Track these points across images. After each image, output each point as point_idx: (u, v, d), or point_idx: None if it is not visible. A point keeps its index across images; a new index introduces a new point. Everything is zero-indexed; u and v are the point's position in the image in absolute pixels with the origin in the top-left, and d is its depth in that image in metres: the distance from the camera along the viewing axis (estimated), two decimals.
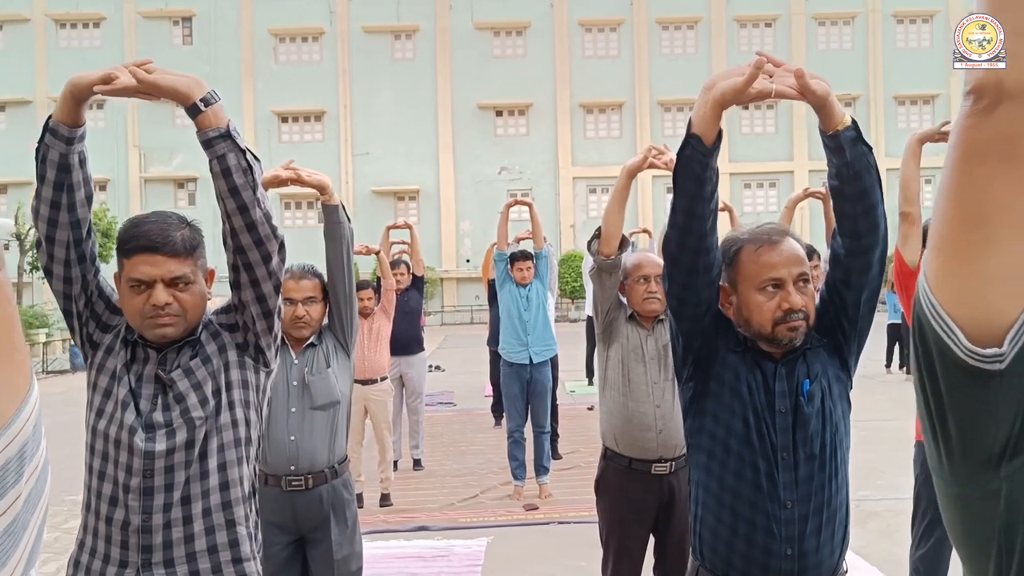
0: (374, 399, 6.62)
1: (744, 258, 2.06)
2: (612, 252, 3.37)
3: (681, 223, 1.98)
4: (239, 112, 34.14)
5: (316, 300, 3.17)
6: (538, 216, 6.92)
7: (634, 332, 3.49)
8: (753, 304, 2.04)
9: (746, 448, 2.04)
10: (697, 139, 1.90)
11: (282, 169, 3.01)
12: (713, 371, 2.11)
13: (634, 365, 3.46)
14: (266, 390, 2.19)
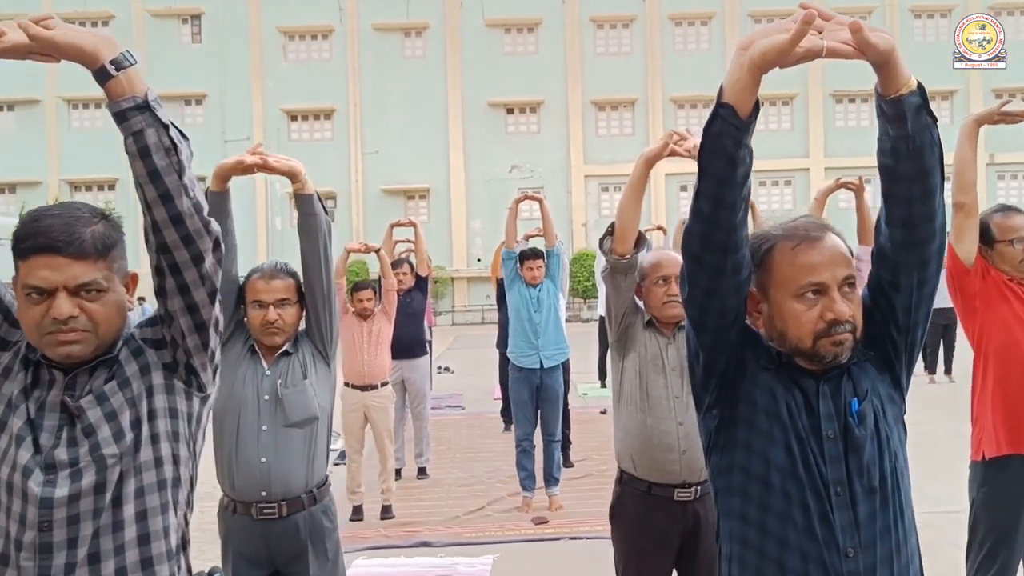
0: (374, 405, 6.25)
1: (778, 258, 1.70)
2: (627, 251, 2.98)
3: (707, 213, 1.62)
4: (248, 110, 33.95)
5: (290, 302, 2.80)
6: (549, 212, 6.54)
7: (653, 340, 3.10)
8: (789, 314, 1.67)
9: (792, 483, 1.65)
10: (729, 110, 1.53)
11: (247, 154, 2.64)
12: (742, 392, 1.73)
13: (653, 377, 3.07)
14: (201, 419, 1.80)
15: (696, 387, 1.81)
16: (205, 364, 1.75)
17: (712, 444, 1.79)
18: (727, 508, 1.76)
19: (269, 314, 2.74)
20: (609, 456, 8.38)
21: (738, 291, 1.68)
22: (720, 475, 1.77)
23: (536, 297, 6.38)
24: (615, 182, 34.42)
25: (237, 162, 2.69)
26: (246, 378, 2.75)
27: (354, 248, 6.31)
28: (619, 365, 3.17)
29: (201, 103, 34.64)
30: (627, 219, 2.98)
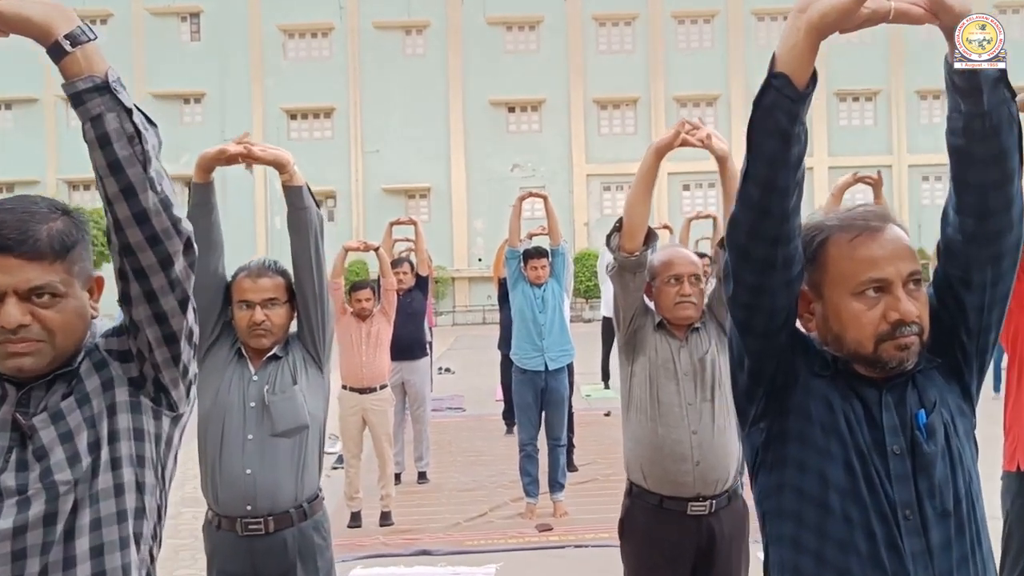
0: (372, 409, 6.06)
1: (833, 252, 1.51)
2: (636, 248, 2.80)
3: (756, 199, 1.43)
4: (248, 109, 33.74)
5: (279, 302, 2.60)
6: (554, 210, 6.35)
7: (664, 343, 2.91)
8: (848, 314, 1.48)
9: (854, 505, 1.45)
10: (784, 80, 1.34)
11: (232, 144, 2.44)
12: (793, 403, 1.53)
13: (664, 383, 2.88)
14: (172, 441, 1.60)
15: (740, 398, 1.60)
16: (176, 380, 1.55)
17: (759, 462, 1.59)
18: (777, 534, 1.55)
19: (256, 315, 2.55)
20: (614, 460, 8.24)
21: (789, 288, 1.49)
22: (769, 497, 1.56)
23: (541, 297, 6.19)
24: (617, 181, 34.21)
25: (220, 151, 2.51)
26: (232, 383, 2.56)
27: (353, 247, 6.12)
28: (628, 370, 2.97)
29: (200, 102, 34.44)
30: (636, 214, 2.79)
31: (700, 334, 2.95)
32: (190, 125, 34.25)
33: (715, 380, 2.88)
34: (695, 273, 2.92)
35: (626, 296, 2.89)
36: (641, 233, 2.81)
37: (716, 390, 2.88)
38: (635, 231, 2.79)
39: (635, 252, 2.80)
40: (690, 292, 2.88)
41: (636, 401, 2.93)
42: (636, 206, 2.80)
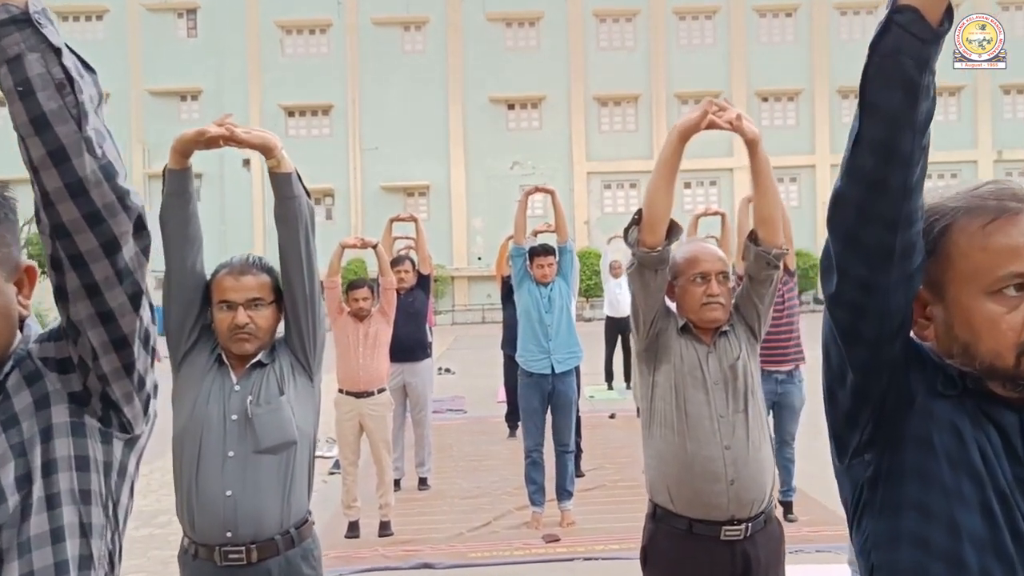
0: (370, 414, 5.76)
1: (960, 241, 1.18)
2: (657, 242, 2.50)
3: (870, 170, 1.12)
4: (245, 106, 33.41)
5: (264, 303, 2.31)
6: (561, 205, 6.05)
7: (690, 349, 2.64)
8: (981, 318, 1.16)
9: (996, 561, 1.13)
10: (912, 15, 1.05)
11: (212, 125, 2.16)
12: (909, 430, 1.20)
13: (692, 393, 2.60)
14: (127, 470, 1.30)
15: (839, 422, 1.27)
16: (130, 395, 1.26)
17: (863, 503, 1.26)
18: None
19: (238, 317, 2.25)
20: (622, 465, 7.97)
21: (909, 284, 1.17)
22: (880, 548, 1.23)
23: (547, 297, 5.89)
24: (618, 179, 33.94)
25: (199, 133, 2.21)
26: (210, 394, 2.26)
27: (350, 243, 5.81)
28: (649, 379, 2.68)
29: (197, 98, 34.12)
30: (658, 204, 2.50)
31: (729, 338, 2.67)
32: (187, 122, 33.86)
33: (747, 389, 2.62)
34: (723, 271, 2.65)
35: (646, 297, 2.59)
36: (663, 225, 2.51)
37: (749, 400, 2.62)
38: (656, 223, 2.50)
39: (656, 247, 2.50)
40: (718, 292, 2.60)
41: (660, 414, 2.64)
42: (657, 196, 2.50)
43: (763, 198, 2.56)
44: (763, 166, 2.52)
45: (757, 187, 2.54)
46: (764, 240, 2.59)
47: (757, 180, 2.53)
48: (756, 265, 2.61)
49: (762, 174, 2.53)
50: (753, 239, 2.61)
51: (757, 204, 2.59)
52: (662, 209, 2.50)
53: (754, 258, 2.60)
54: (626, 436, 9.17)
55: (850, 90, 33.39)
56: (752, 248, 2.61)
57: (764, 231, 2.59)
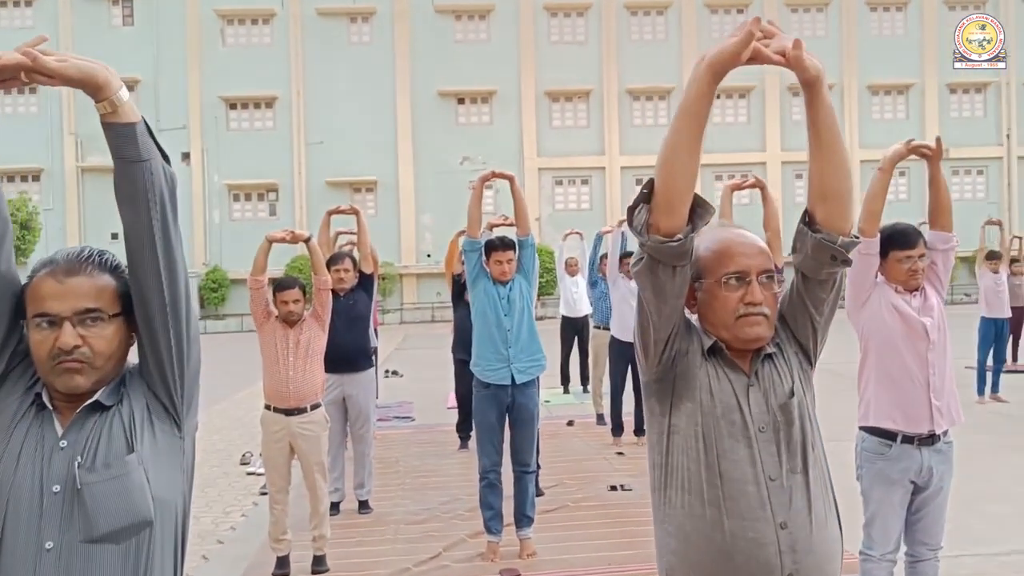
0: (302, 433, 5.02)
1: None
2: (677, 227, 1.75)
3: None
4: (184, 98, 32.12)
5: (104, 317, 1.55)
6: (521, 193, 5.38)
7: (722, 381, 1.89)
8: None
9: None
10: None
11: (10, 52, 1.42)
12: None
13: (729, 446, 1.85)
14: None
15: None
16: None
17: None
18: None
19: (64, 336, 1.51)
20: (584, 480, 7.29)
21: None
22: None
23: (506, 297, 5.20)
24: (570, 175, 33.41)
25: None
26: (22, 454, 1.50)
27: (277, 237, 5.05)
28: (662, 423, 1.93)
29: (133, 89, 32.58)
30: (678, 172, 1.73)
31: (776, 365, 1.94)
32: None
33: (806, 439, 1.89)
34: (767, 268, 1.90)
35: (659, 306, 1.84)
36: (684, 203, 1.75)
37: (809, 454, 1.89)
38: (675, 200, 1.73)
39: (675, 234, 1.74)
40: (761, 299, 1.87)
41: (681, 474, 1.89)
42: (677, 160, 1.72)
43: (827, 162, 1.80)
44: (826, 116, 1.77)
45: (819, 147, 1.80)
46: (827, 223, 1.85)
47: (819, 136, 1.78)
48: (815, 260, 1.88)
49: (825, 127, 1.78)
50: (809, 222, 1.88)
51: (818, 172, 1.83)
52: (684, 179, 1.73)
53: (813, 249, 1.86)
54: (586, 446, 8.54)
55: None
56: (809, 236, 1.86)
57: (828, 210, 1.85)
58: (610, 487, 6.80)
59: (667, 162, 1.73)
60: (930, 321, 3.34)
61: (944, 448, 3.38)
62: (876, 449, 3.37)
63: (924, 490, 3.37)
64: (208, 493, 7.26)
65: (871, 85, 33.41)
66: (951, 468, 3.41)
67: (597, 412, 9.62)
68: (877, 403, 3.39)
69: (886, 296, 3.37)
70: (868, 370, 3.45)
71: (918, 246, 3.34)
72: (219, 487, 7.49)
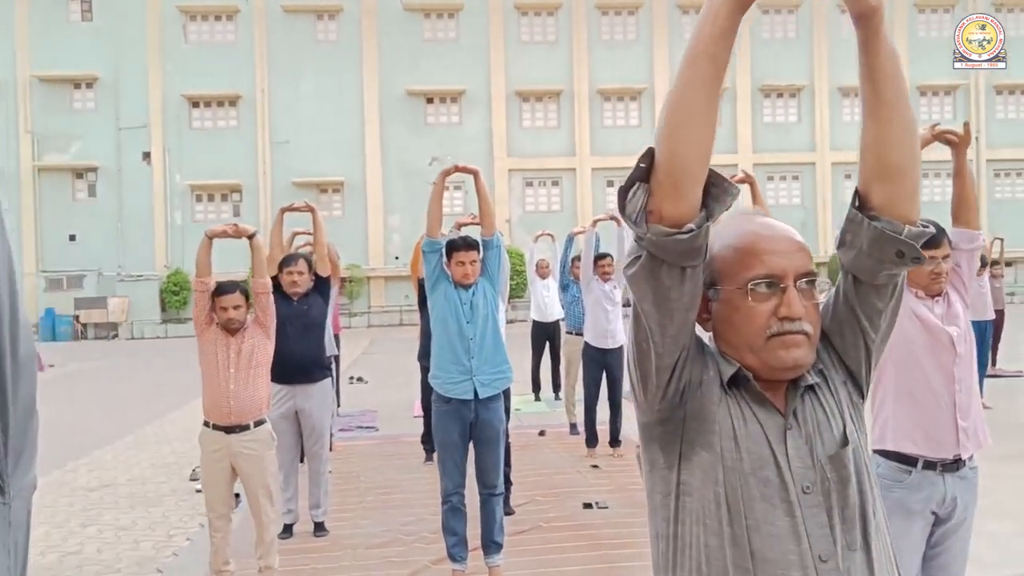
0: (244, 453, 4.53)
1: None
2: (687, 213, 1.29)
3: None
4: (145, 95, 31.29)
5: None
6: (487, 190, 4.94)
7: (750, 423, 1.41)
8: None
9: None
10: None
11: None
12: None
13: (763, 512, 1.36)
14: None
15: None
16: None
17: None
18: None
19: None
20: (558, 497, 6.84)
21: None
22: None
23: (469, 302, 4.75)
24: (540, 176, 33.01)
25: None
26: None
27: (218, 232, 4.56)
28: (668, 479, 1.43)
29: (92, 86, 31.76)
30: (688, 139, 1.27)
31: (820, 399, 1.45)
32: (81, 112, 31.63)
33: (865, 501, 1.40)
34: (807, 271, 1.42)
35: (662, 321, 1.35)
36: (696, 182, 1.29)
37: (870, 521, 1.40)
38: (684, 177, 1.27)
39: (684, 223, 1.28)
40: (801, 312, 1.39)
41: (695, 552, 1.39)
42: (689, 121, 1.27)
43: (889, 125, 1.35)
44: (886, 62, 1.32)
45: (877, 104, 1.34)
46: (887, 207, 1.38)
47: (877, 90, 1.33)
48: (873, 257, 1.40)
49: (885, 77, 1.32)
50: (862, 207, 1.41)
51: (876, 139, 1.36)
52: (695, 148, 1.27)
53: (871, 243, 1.38)
54: (559, 458, 8.10)
55: (772, 88, 33.27)
56: (866, 225, 1.39)
57: (890, 191, 1.38)
58: (585, 504, 6.36)
59: (673, 125, 1.27)
60: (956, 331, 2.93)
61: (969, 475, 2.97)
62: (894, 476, 2.93)
63: (946, 522, 2.94)
64: (152, 513, 6.73)
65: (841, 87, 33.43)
66: (976, 497, 3.00)
67: (570, 421, 9.20)
68: (896, 424, 2.96)
69: (906, 302, 2.94)
70: (885, 386, 3.02)
71: (942, 246, 2.92)
72: (164, 506, 6.95)
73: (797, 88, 33.43)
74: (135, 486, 7.67)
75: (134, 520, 6.54)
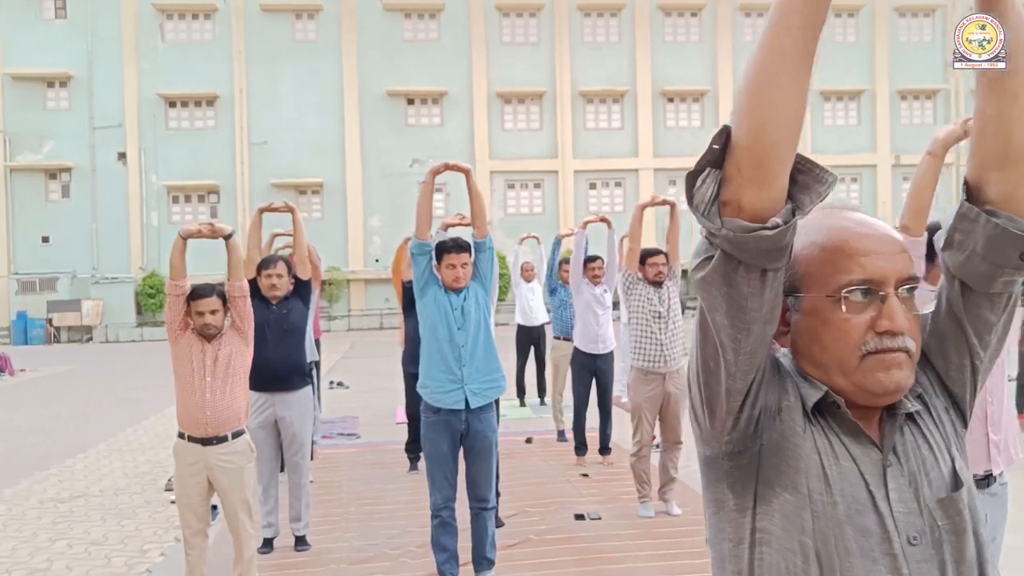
0: (222, 466, 4.28)
1: None
2: (771, 205, 1.07)
3: None
4: (120, 94, 30.79)
5: None
6: (479, 189, 4.72)
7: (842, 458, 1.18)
8: None
9: None
10: None
11: None
12: None
13: (863, 567, 1.13)
14: None
15: None
16: None
17: None
18: None
19: None
20: (549, 508, 6.57)
21: None
22: None
23: (460, 307, 4.52)
24: (522, 178, 32.81)
25: None
26: None
27: (192, 231, 4.31)
28: (740, 524, 1.21)
29: (66, 85, 31.20)
30: (777, 108, 1.03)
31: (923, 430, 1.24)
32: (54, 111, 31.07)
33: (983, 554, 1.18)
34: (909, 276, 1.19)
35: (736, 335, 1.14)
36: (784, 164, 1.07)
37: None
38: (770, 157, 1.05)
39: (767, 216, 1.07)
40: (904, 326, 1.17)
41: None
42: (779, 86, 1.04)
43: (1016, 99, 1.14)
44: (1016, 31, 1.12)
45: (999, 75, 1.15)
46: (1008, 200, 1.18)
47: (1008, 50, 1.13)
48: (989, 260, 1.19)
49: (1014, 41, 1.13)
50: (975, 199, 1.21)
51: (997, 118, 1.15)
52: (785, 121, 1.04)
53: (987, 244, 1.18)
54: (548, 466, 7.88)
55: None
56: (983, 221, 1.18)
57: (1013, 180, 1.17)
58: (576, 516, 6.14)
59: (759, 91, 1.04)
60: None
61: (999, 491, 2.78)
62: None
63: None
64: (125, 526, 6.44)
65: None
66: (1005, 514, 2.81)
67: (558, 428, 8.98)
68: None
69: None
70: None
71: None
72: (139, 519, 6.67)
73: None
74: (107, 497, 7.37)
75: (105, 534, 6.25)
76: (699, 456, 1.28)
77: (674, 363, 5.95)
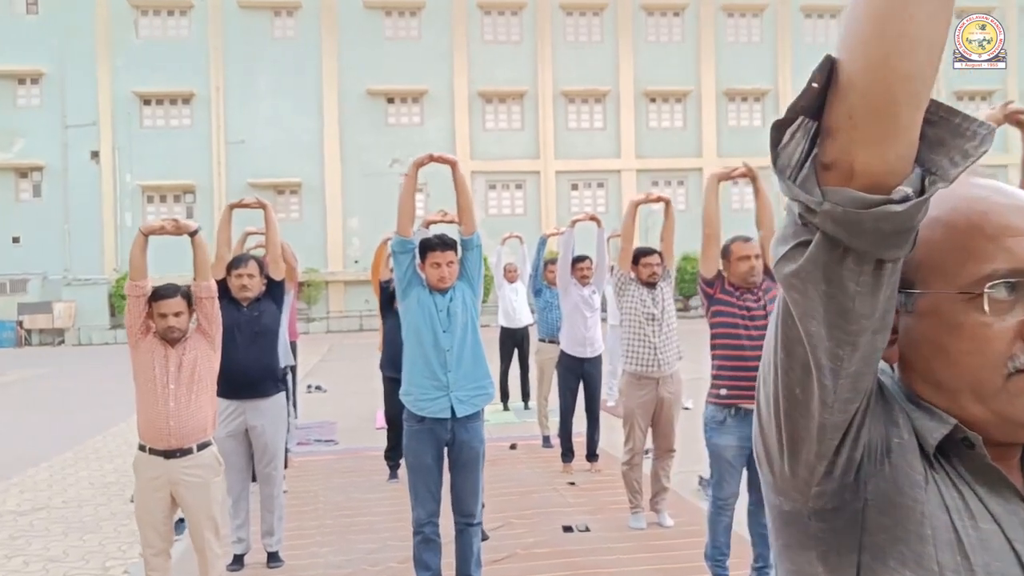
0: (186, 481, 3.94)
1: None
2: (895, 167, 0.75)
3: None
4: (94, 92, 30.18)
5: None
6: (467, 184, 4.42)
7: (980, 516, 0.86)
8: None
9: None
10: None
11: None
12: None
13: None
14: None
15: None
16: None
17: None
18: None
19: None
20: (536, 519, 6.20)
21: None
22: None
23: (445, 309, 4.21)
24: (504, 179, 32.51)
25: None
26: None
27: (155, 228, 3.98)
28: None
29: (38, 82, 30.55)
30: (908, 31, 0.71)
31: None
32: (25, 108, 30.40)
33: None
34: None
35: (837, 351, 0.81)
36: (918, 108, 0.74)
37: None
38: (896, 98, 0.72)
39: (888, 185, 0.75)
40: None
41: None
42: (916, 6, 0.70)
43: None
44: None
45: None
46: None
47: None
48: None
49: None
50: None
51: None
52: (928, 42, 0.72)
53: None
54: (533, 474, 7.58)
55: (736, 92, 33.13)
56: None
57: None
58: (564, 528, 5.85)
59: (884, 6, 0.71)
60: None
61: None
62: None
63: None
64: (87, 541, 6.07)
65: None
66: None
67: (543, 434, 8.69)
68: None
69: None
70: None
71: None
72: (102, 533, 6.30)
73: (761, 92, 33.33)
74: (70, 509, 6.99)
75: (66, 550, 5.88)
76: (769, 508, 0.96)
77: (668, 367, 5.67)
